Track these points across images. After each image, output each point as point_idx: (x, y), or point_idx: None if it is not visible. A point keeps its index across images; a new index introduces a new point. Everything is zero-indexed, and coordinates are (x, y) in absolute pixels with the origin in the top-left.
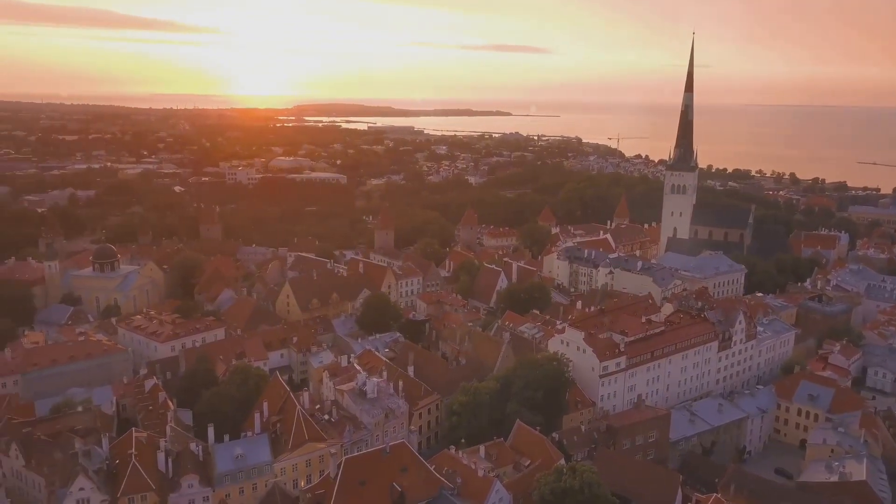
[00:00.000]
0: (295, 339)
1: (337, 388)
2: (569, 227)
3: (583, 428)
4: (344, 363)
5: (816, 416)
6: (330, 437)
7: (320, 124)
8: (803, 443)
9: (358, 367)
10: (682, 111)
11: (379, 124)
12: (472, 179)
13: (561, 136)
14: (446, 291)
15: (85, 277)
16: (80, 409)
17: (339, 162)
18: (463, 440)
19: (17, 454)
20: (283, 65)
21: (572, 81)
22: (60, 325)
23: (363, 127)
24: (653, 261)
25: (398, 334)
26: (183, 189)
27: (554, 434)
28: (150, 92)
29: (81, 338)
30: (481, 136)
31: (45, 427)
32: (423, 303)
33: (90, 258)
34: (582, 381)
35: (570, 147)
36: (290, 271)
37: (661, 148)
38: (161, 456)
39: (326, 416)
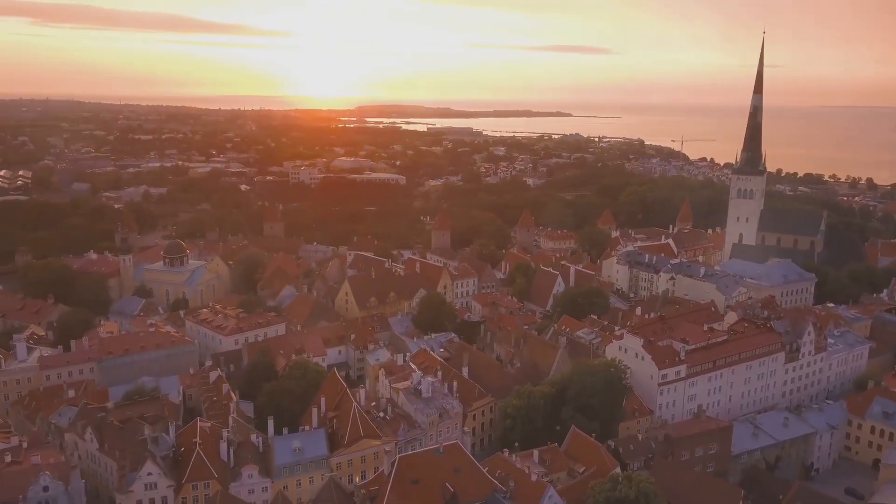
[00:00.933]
0: (353, 336)
1: (392, 386)
2: (629, 231)
3: (640, 437)
4: (400, 362)
5: (892, 434)
6: (385, 435)
7: (381, 125)
8: (876, 462)
9: (413, 366)
10: (750, 113)
11: (438, 125)
12: (530, 181)
13: (622, 139)
14: (502, 293)
15: (156, 271)
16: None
17: (398, 163)
18: (517, 444)
19: (92, 438)
20: (346, 67)
21: (634, 82)
22: (133, 317)
23: (422, 128)
24: (716, 267)
25: (453, 335)
26: (248, 188)
27: (610, 442)
28: (220, 93)
29: (152, 329)
30: (540, 138)
31: (117, 413)
32: (479, 304)
33: (161, 253)
34: (640, 388)
35: (631, 149)
36: (349, 269)
37: (728, 151)
38: (223, 446)
39: (381, 414)
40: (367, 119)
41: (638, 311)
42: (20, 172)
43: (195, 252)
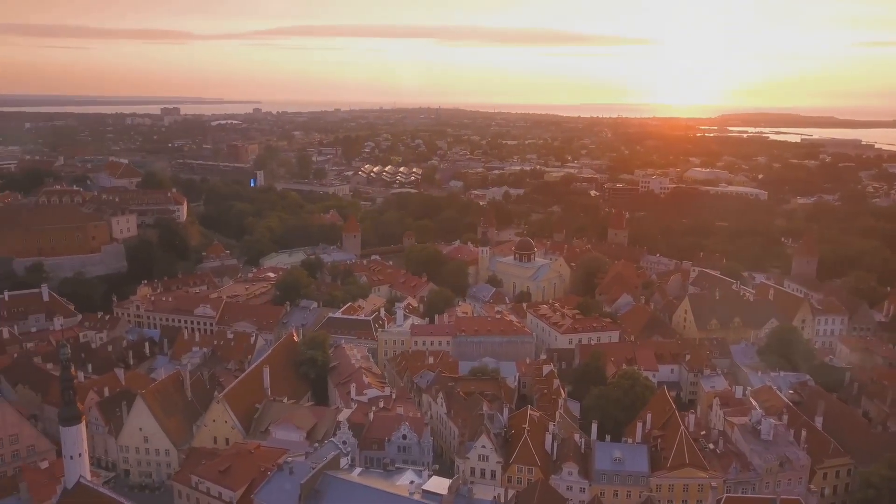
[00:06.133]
0: (688, 356)
1: (727, 418)
2: None
3: None
4: (738, 394)
5: None
6: (712, 469)
7: (745, 135)
8: None
9: (754, 402)
10: None
11: (815, 136)
12: None
13: None
14: (880, 339)
15: (507, 264)
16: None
17: (760, 176)
18: None
19: (442, 402)
20: (708, 73)
21: None
22: (484, 302)
23: (795, 139)
24: None
25: (807, 377)
26: (597, 193)
27: None
28: (581, 102)
29: (498, 316)
30: None
31: (463, 385)
32: (846, 347)
33: (513, 248)
34: None
35: None
36: (691, 286)
37: None
38: (549, 437)
39: (711, 446)
40: (730, 128)
41: None
42: (414, 169)
43: (542, 250)
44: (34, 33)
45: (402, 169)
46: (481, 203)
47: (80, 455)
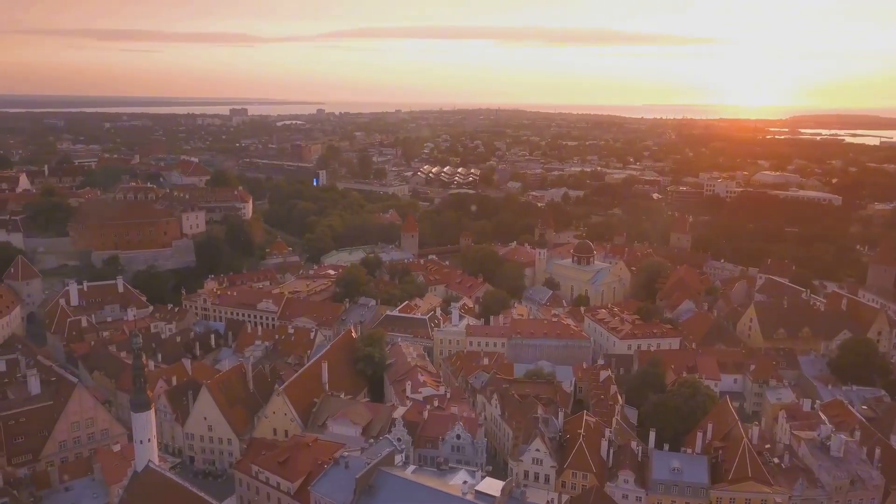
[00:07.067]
0: (752, 366)
1: (794, 432)
2: None
3: None
4: (806, 407)
5: None
6: (777, 484)
7: (818, 137)
8: None
9: (823, 417)
10: None
11: None
12: None
13: None
14: None
15: (565, 267)
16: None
17: (834, 180)
18: None
19: (496, 404)
20: (778, 72)
21: None
22: (541, 304)
23: (873, 141)
24: None
25: (883, 392)
26: (660, 196)
27: None
28: (644, 103)
29: (555, 319)
30: None
31: (518, 387)
32: None
33: (571, 251)
34: None
35: None
36: (757, 294)
37: None
38: (605, 444)
39: (776, 460)
40: (802, 130)
41: None
42: (472, 170)
43: (601, 254)
44: (106, 37)
45: (460, 170)
46: (539, 204)
47: (149, 440)
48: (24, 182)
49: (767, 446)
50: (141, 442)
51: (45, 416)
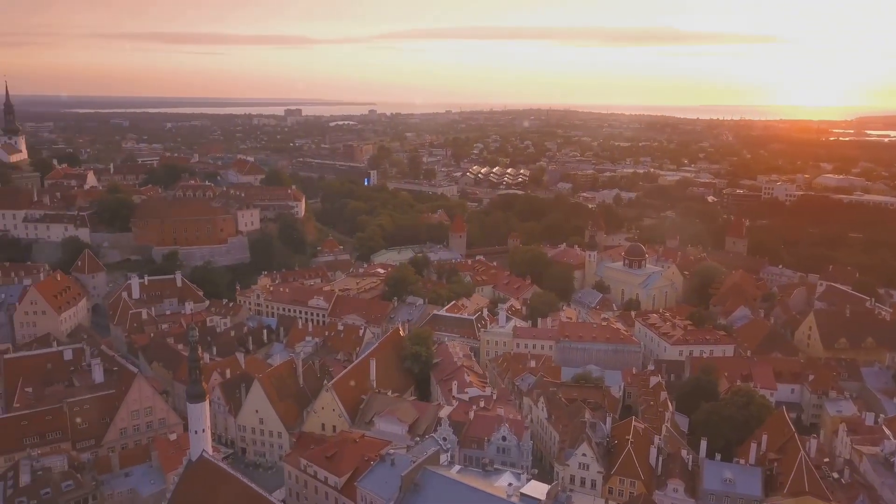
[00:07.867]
0: (811, 376)
1: (855, 447)
2: None
3: None
4: (869, 421)
5: None
6: (836, 500)
7: (886, 139)
8: None
9: (888, 432)
10: None
11: None
12: None
13: None
14: None
15: (615, 270)
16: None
17: None
18: None
19: (543, 407)
20: (842, 72)
21: None
22: (590, 308)
23: None
24: None
25: None
26: (715, 199)
27: None
28: (701, 104)
29: (604, 322)
30: None
31: (566, 391)
32: None
33: (622, 253)
34: None
35: None
36: (817, 301)
37: None
38: (654, 451)
39: (835, 475)
40: (868, 132)
41: None
42: (521, 171)
43: (653, 257)
44: (169, 40)
45: (509, 170)
46: (590, 206)
47: (203, 431)
48: (91, 179)
49: (826, 460)
50: (196, 432)
51: (108, 404)
